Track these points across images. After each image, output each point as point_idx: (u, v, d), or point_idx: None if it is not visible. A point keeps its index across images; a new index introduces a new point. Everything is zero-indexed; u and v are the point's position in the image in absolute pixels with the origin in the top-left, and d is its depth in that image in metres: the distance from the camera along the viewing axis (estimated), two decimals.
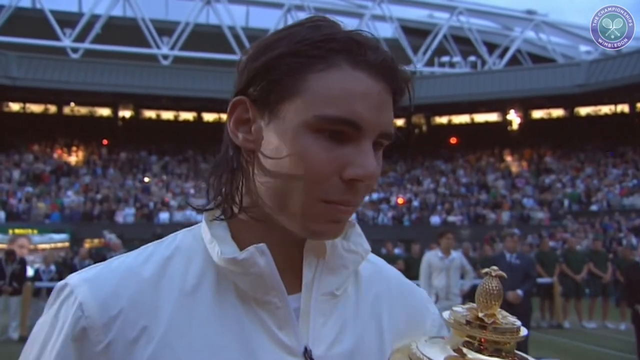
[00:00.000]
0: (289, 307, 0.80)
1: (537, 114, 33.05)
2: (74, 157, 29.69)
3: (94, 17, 31.34)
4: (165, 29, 32.31)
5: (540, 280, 11.09)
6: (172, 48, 31.84)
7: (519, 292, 7.38)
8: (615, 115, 31.47)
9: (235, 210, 0.82)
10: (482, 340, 0.70)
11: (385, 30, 36.55)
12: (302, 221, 0.78)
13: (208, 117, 33.76)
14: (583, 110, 32.05)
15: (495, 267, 0.72)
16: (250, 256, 0.78)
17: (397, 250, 15.57)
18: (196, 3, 32.58)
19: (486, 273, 0.72)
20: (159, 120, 33.29)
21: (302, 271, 0.83)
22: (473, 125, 33.79)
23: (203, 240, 0.84)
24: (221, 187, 0.84)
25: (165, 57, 31.74)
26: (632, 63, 27.63)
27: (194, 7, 32.64)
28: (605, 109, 31.64)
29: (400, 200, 27.31)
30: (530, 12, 37.17)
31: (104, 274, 0.81)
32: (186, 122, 33.55)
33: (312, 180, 0.75)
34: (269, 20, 34.96)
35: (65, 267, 12.80)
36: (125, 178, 28.10)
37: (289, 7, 33.65)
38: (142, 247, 0.86)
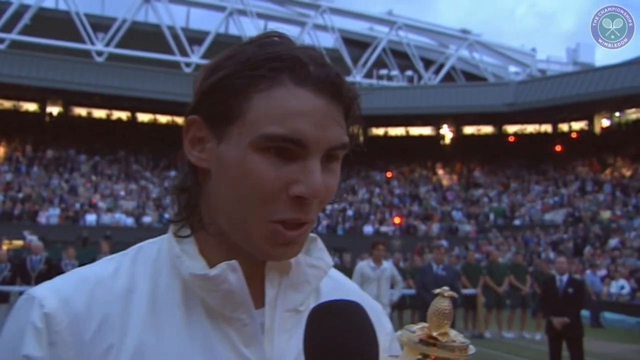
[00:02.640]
0: (256, 323, 0.80)
1: (468, 129, 34.24)
2: None
3: (23, 7, 29.97)
4: (100, 24, 31.35)
5: (465, 291, 11.50)
6: (108, 45, 30.90)
7: None
8: (539, 134, 33.12)
9: (195, 227, 0.82)
10: (434, 357, 0.71)
11: (326, 40, 36.97)
12: (255, 242, 0.78)
13: (143, 117, 32.97)
14: (510, 128, 33.49)
15: (446, 288, 0.74)
16: (222, 272, 0.77)
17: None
18: (135, 0, 31.79)
19: (438, 293, 0.73)
20: (90, 118, 32.17)
21: (265, 288, 0.83)
22: (408, 138, 34.60)
23: (169, 254, 0.83)
24: (181, 203, 0.84)
25: (100, 53, 30.76)
26: (555, 86, 29.26)
27: (132, 4, 31.82)
28: (530, 128, 33.24)
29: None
30: (465, 31, 38.61)
31: (73, 284, 0.79)
32: (119, 121, 32.60)
33: (260, 199, 0.76)
34: (210, 22, 34.65)
35: None
36: (50, 177, 26.95)
37: (230, 11, 33.43)
38: (107, 258, 0.85)
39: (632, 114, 30.40)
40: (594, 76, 28.54)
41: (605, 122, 31.23)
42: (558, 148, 31.43)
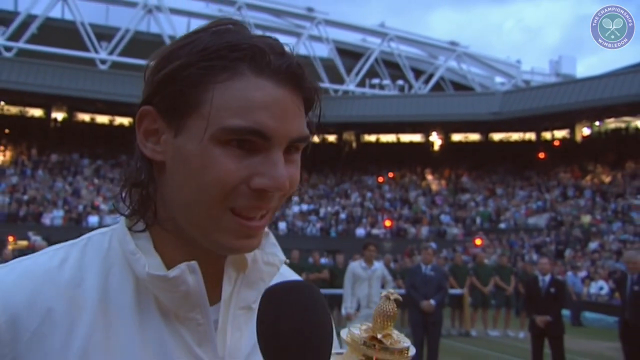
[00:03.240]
0: (210, 323, 0.76)
1: (456, 137, 34.38)
2: (1, 157, 28.10)
3: (30, 17, 29.85)
4: (104, 34, 31.29)
5: (452, 291, 11.54)
6: (111, 53, 30.82)
7: (432, 302, 7.66)
8: (523, 142, 33.30)
9: (150, 222, 0.76)
10: (375, 358, 0.69)
11: (321, 51, 37.10)
12: (214, 236, 0.73)
13: None
14: (496, 136, 33.67)
15: (392, 291, 0.72)
16: (181, 274, 0.72)
17: (323, 260, 15.73)
18: (137, 11, 31.78)
19: (385, 296, 0.71)
20: (93, 124, 32.09)
21: (222, 285, 0.78)
22: (399, 144, 34.67)
23: (121, 248, 0.76)
24: (133, 197, 0.77)
25: (103, 61, 30.68)
26: (538, 96, 29.44)
27: (135, 14, 31.81)
28: (515, 136, 33.41)
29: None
30: (453, 43, 38.76)
31: (14, 277, 0.72)
32: (121, 126, 32.51)
33: (220, 190, 0.70)
34: None
35: None
36: (54, 180, 26.86)
37: None
38: (53, 248, 0.77)
39: (611, 124, 30.68)
40: (575, 87, 28.72)
41: (586, 131, 31.49)
42: (541, 155, 31.62)
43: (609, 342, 10.36)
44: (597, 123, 30.93)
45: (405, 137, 34.74)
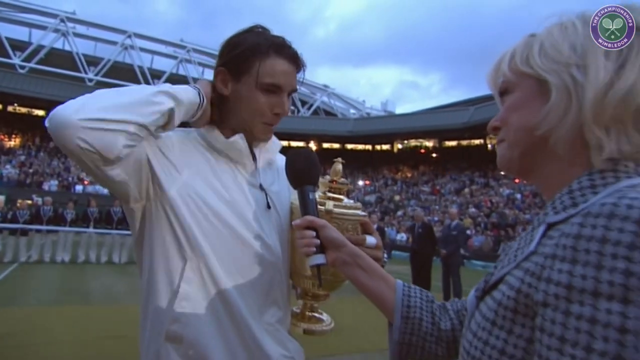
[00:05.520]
0: (253, 165, 0.89)
1: (325, 145, 33.95)
2: (13, 142, 24.95)
3: (40, 47, 26.72)
4: (92, 61, 28.55)
5: None
6: (97, 75, 28.14)
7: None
8: (364, 150, 33.89)
9: (216, 123, 0.88)
10: (333, 188, 0.82)
11: None
12: (255, 132, 0.87)
13: None
14: (349, 146, 33.45)
15: (340, 159, 0.83)
16: (236, 139, 0.85)
17: None
18: (117, 47, 29.21)
19: (336, 161, 0.81)
20: None
21: (254, 151, 0.90)
22: (289, 148, 33.84)
23: (199, 133, 0.88)
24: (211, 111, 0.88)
25: (90, 80, 27.88)
26: (374, 123, 30.84)
27: (115, 49, 29.28)
28: (360, 147, 33.92)
29: None
30: (326, 86, 39.18)
31: (178, 132, 0.85)
32: None
33: (259, 113, 0.84)
34: (167, 65, 32.78)
35: (3, 219, 10.87)
36: (52, 159, 24.06)
37: (180, 60, 31.93)
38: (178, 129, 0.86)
39: (413, 142, 31.43)
40: (394, 119, 29.90)
41: (400, 146, 32.14)
42: (374, 159, 31.96)
43: (404, 266, 10.91)
44: (405, 141, 31.53)
45: (294, 144, 34.13)
